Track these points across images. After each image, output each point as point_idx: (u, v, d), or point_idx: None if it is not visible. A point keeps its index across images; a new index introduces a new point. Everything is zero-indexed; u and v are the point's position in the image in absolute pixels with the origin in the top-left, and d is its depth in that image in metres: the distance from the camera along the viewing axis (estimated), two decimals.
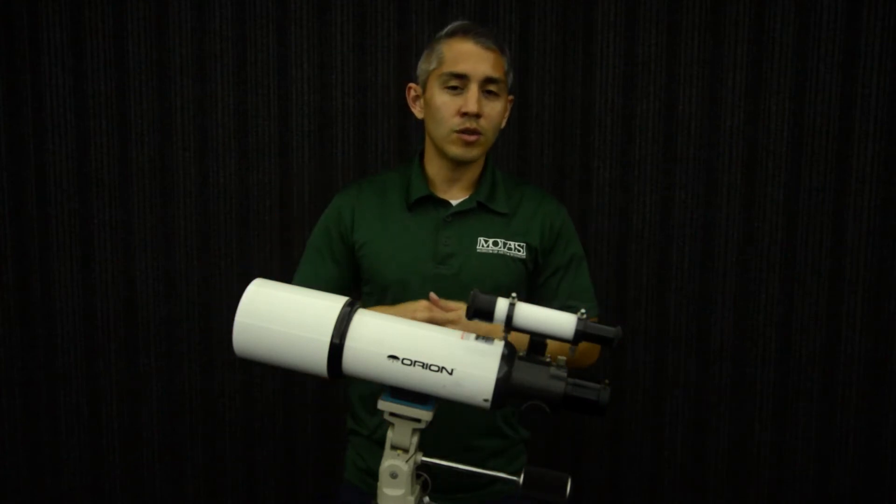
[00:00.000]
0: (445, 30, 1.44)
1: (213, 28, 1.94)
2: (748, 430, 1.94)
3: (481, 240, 1.41)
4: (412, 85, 1.49)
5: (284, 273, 1.97)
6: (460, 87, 1.38)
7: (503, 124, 1.46)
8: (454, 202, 1.45)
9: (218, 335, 2.02)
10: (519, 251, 1.42)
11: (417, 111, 1.48)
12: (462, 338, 1.02)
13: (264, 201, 1.98)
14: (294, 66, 1.94)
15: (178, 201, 1.99)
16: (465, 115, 1.38)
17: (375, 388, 1.04)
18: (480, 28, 1.43)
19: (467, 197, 1.45)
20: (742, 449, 1.95)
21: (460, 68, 1.38)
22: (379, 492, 1.03)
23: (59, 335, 2.04)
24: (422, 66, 1.46)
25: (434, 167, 1.46)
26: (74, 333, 2.04)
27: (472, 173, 1.46)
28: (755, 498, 1.95)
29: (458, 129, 1.39)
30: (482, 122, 1.39)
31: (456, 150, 1.40)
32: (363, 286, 1.47)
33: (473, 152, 1.41)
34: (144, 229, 2.01)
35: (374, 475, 1.07)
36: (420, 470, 1.05)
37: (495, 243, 1.41)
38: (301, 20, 1.93)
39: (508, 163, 1.92)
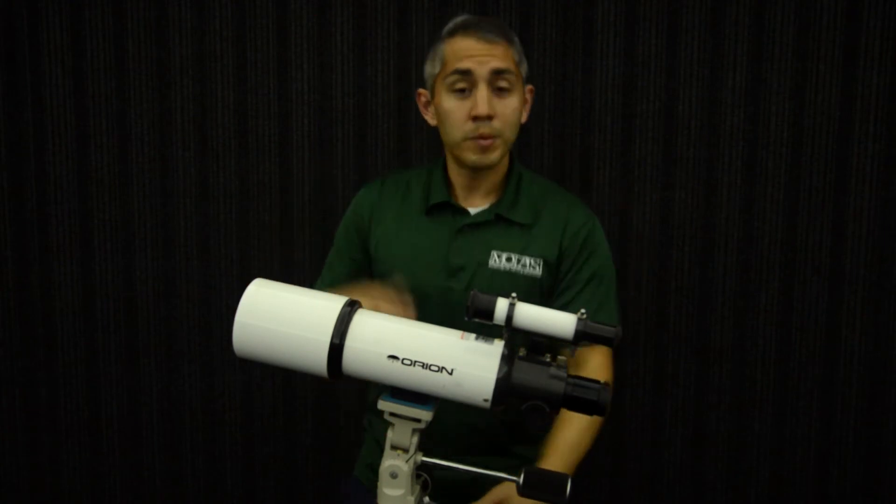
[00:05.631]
0: (446, 27, 1.35)
1: (213, 28, 1.94)
2: (748, 430, 1.94)
3: (494, 254, 1.33)
4: (421, 91, 1.41)
5: (284, 273, 1.97)
6: (468, 89, 1.29)
7: (525, 118, 1.38)
8: (473, 210, 1.37)
9: (218, 335, 2.02)
10: (534, 268, 1.33)
11: (430, 118, 1.39)
12: (462, 338, 1.02)
13: (264, 201, 1.98)
14: (294, 66, 1.94)
15: (178, 201, 1.99)
16: (476, 118, 1.28)
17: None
18: (483, 20, 1.34)
19: (487, 206, 1.37)
20: (742, 449, 1.95)
21: (464, 65, 1.28)
22: (379, 492, 1.03)
23: (59, 335, 2.04)
24: (427, 70, 1.38)
25: (454, 173, 1.39)
26: (74, 333, 2.04)
27: (494, 178, 1.37)
28: (755, 498, 1.95)
29: (471, 135, 1.30)
30: (496, 123, 1.29)
31: (472, 157, 1.31)
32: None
33: (492, 157, 1.32)
34: (144, 229, 2.01)
35: (376, 472, 1.08)
36: (420, 470, 1.05)
37: (508, 259, 1.33)
38: (301, 20, 1.93)
39: None
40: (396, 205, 1.40)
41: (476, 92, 1.28)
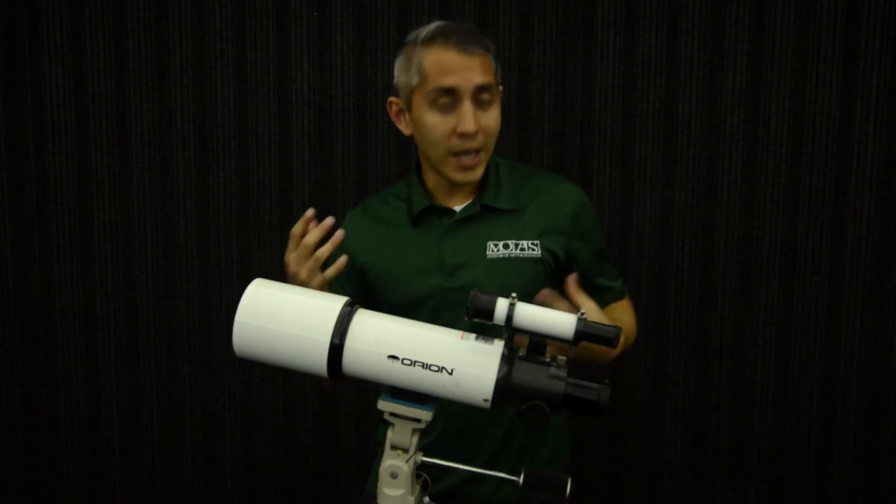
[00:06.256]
0: (421, 35, 1.31)
1: (213, 28, 1.94)
2: (748, 430, 1.94)
3: (490, 244, 1.32)
4: (393, 99, 1.36)
5: (284, 273, 1.97)
6: (450, 103, 1.27)
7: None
8: (458, 208, 1.36)
9: (218, 335, 2.02)
10: (533, 249, 1.32)
11: (404, 127, 1.37)
12: (462, 338, 1.02)
13: (264, 201, 1.98)
14: (294, 66, 1.94)
15: (178, 201, 1.99)
16: (461, 135, 1.27)
17: None
18: (459, 29, 1.30)
19: (471, 201, 1.36)
20: (742, 449, 1.95)
21: (448, 82, 1.26)
22: (379, 492, 1.03)
23: (59, 335, 2.04)
24: (401, 80, 1.33)
25: (432, 179, 1.37)
26: (74, 333, 2.04)
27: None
28: (755, 498, 1.95)
29: (455, 151, 1.28)
30: (480, 137, 1.28)
31: (456, 176, 1.31)
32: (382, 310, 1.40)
33: (476, 174, 1.31)
34: (144, 229, 2.00)
35: None
36: (420, 470, 1.05)
37: (506, 246, 1.32)
38: (301, 20, 1.93)
39: None
40: (379, 224, 1.40)
41: (461, 108, 1.27)
